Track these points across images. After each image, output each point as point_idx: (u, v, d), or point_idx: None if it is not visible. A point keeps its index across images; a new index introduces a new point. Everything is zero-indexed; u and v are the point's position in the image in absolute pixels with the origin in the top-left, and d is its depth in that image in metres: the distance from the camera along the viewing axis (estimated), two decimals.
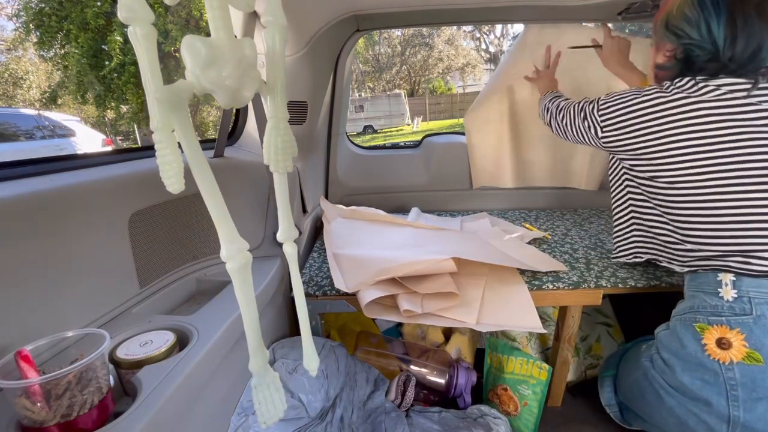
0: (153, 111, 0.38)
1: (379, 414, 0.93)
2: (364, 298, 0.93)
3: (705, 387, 0.71)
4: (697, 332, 0.72)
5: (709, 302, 0.73)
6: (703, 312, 0.73)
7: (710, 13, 0.70)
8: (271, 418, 0.55)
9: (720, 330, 0.70)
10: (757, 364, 0.66)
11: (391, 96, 14.64)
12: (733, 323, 0.69)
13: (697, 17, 0.71)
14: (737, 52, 0.69)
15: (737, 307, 0.69)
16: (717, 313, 0.71)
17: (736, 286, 0.70)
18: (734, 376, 0.68)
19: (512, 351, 1.13)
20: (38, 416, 0.47)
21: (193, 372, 0.61)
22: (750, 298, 0.68)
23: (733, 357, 0.68)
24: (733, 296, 0.70)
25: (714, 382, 0.69)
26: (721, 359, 0.69)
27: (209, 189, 0.42)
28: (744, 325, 0.68)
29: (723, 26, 0.69)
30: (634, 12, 1.10)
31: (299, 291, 0.59)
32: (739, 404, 0.67)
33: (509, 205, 1.70)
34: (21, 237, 0.55)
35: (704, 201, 0.73)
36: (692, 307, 0.75)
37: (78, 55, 7.56)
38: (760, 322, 0.67)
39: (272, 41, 0.45)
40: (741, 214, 0.70)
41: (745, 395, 0.67)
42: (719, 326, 0.70)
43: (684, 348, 0.74)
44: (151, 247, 0.79)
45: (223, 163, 1.02)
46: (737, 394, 0.67)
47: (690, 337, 0.73)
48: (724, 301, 0.71)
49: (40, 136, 5.36)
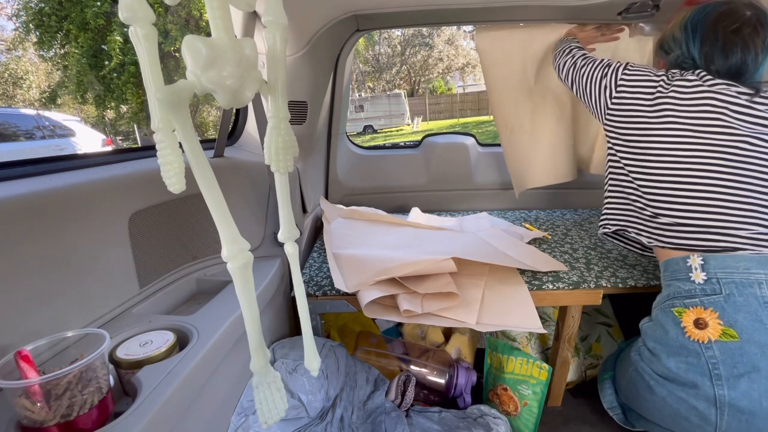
0: (154, 111, 0.38)
1: (379, 414, 0.93)
2: (364, 298, 0.93)
3: (690, 369, 0.74)
4: (675, 317, 0.77)
5: (683, 287, 0.78)
6: (679, 297, 0.78)
7: (689, 35, 0.84)
8: (272, 417, 0.55)
9: (696, 311, 0.75)
10: (733, 340, 0.71)
11: (391, 96, 14.62)
12: (706, 303, 0.74)
13: (680, 37, 0.86)
14: (720, 68, 0.80)
15: (708, 288, 0.75)
16: (691, 296, 0.76)
17: (705, 269, 0.75)
18: (714, 354, 0.72)
19: (512, 351, 1.13)
20: (38, 416, 0.47)
21: (193, 372, 0.61)
22: (718, 278, 0.74)
23: (711, 335, 0.72)
24: (703, 279, 0.75)
25: (697, 363, 0.73)
26: (700, 339, 0.73)
27: (210, 189, 0.42)
28: (716, 304, 0.73)
29: (698, 46, 0.82)
30: (634, 12, 1.10)
31: (300, 291, 0.60)
32: (722, 382, 0.70)
33: (509, 205, 1.70)
34: (21, 237, 0.55)
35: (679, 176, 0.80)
36: (669, 295, 0.81)
37: (78, 55, 7.55)
38: (730, 300, 0.72)
39: (273, 41, 0.45)
40: (709, 192, 0.78)
41: (726, 372, 0.70)
42: (695, 308, 0.75)
43: (666, 334, 0.78)
44: (151, 247, 0.79)
45: (223, 163, 1.02)
46: (720, 373, 0.71)
47: (671, 323, 0.78)
48: (696, 284, 0.76)
49: (39, 136, 5.36)
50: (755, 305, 0.70)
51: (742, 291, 0.72)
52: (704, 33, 0.81)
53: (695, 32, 0.83)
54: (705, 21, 0.82)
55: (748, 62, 0.78)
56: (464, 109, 16.35)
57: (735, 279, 0.73)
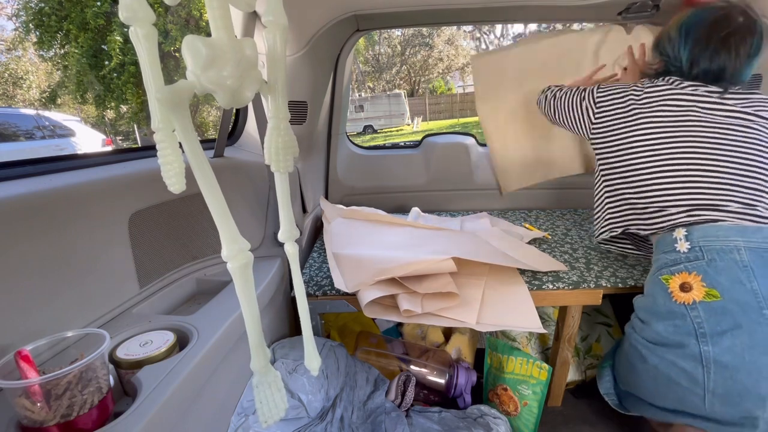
0: (154, 111, 0.38)
1: (379, 414, 0.93)
2: (364, 298, 0.93)
3: (677, 331, 0.79)
4: (663, 284, 0.83)
5: (669, 258, 0.84)
6: (666, 266, 0.84)
7: (681, 39, 0.89)
8: (272, 417, 0.55)
9: (681, 276, 0.80)
10: (716, 300, 0.76)
11: (391, 96, 14.61)
12: (690, 268, 0.80)
13: (673, 39, 0.91)
14: (700, 73, 0.88)
15: (691, 255, 0.81)
16: (676, 263, 0.82)
17: (689, 239, 0.82)
18: (699, 314, 0.76)
19: (512, 351, 1.13)
20: (38, 416, 0.47)
21: (193, 372, 0.61)
22: (701, 246, 0.80)
23: (695, 297, 0.77)
24: (687, 248, 0.82)
25: (683, 324, 0.78)
26: (685, 301, 0.78)
27: (210, 189, 0.42)
28: (699, 268, 0.79)
29: (688, 50, 0.88)
30: (634, 12, 1.11)
31: (301, 290, 0.59)
32: (707, 339, 0.75)
33: (509, 205, 1.70)
34: (21, 237, 0.55)
35: (665, 165, 0.88)
36: (657, 267, 0.87)
37: (78, 55, 7.55)
38: (712, 264, 0.78)
39: (273, 41, 0.45)
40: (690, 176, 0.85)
41: (710, 329, 0.75)
42: (680, 273, 0.81)
43: (656, 301, 0.84)
44: (151, 247, 0.79)
45: (223, 163, 1.02)
46: (704, 331, 0.75)
47: (659, 290, 0.83)
48: (681, 253, 0.82)
49: (40, 136, 5.36)
50: (735, 268, 0.76)
51: (723, 256, 0.77)
52: (697, 37, 0.87)
53: (688, 35, 0.88)
54: (700, 25, 0.87)
55: (727, 68, 0.85)
56: (464, 109, 16.33)
57: (716, 246, 0.79)
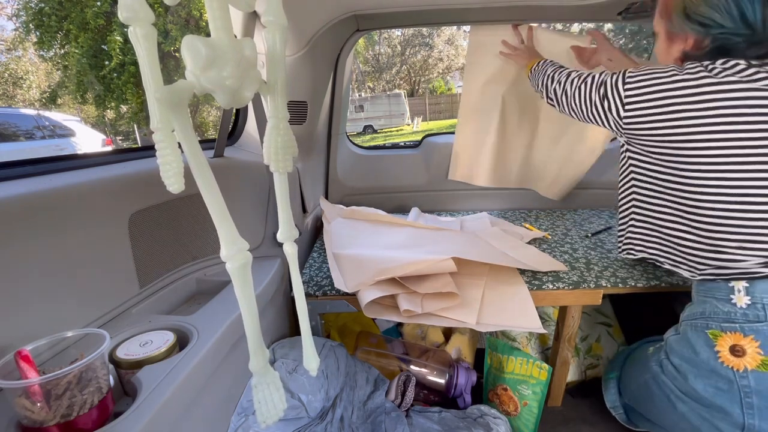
0: (153, 111, 0.38)
1: (379, 414, 0.93)
2: (364, 298, 0.93)
3: (719, 394, 0.69)
4: (710, 339, 0.70)
5: (721, 308, 0.70)
6: (716, 318, 0.71)
7: None
8: (271, 417, 0.55)
9: (734, 337, 0.68)
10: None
11: (391, 96, 14.61)
12: (747, 330, 0.67)
13: (727, 4, 0.65)
14: None
15: (751, 313, 0.67)
16: (730, 320, 0.69)
17: (750, 292, 0.68)
18: (749, 383, 0.66)
19: (512, 351, 1.13)
20: (38, 416, 0.47)
21: (193, 372, 0.61)
22: (764, 304, 0.66)
23: (748, 364, 0.66)
24: (746, 303, 0.68)
25: (728, 389, 0.68)
26: (735, 366, 0.67)
27: (209, 189, 0.42)
28: (759, 332, 0.66)
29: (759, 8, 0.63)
30: (634, 12, 1.10)
31: (299, 291, 0.59)
32: (754, 412, 0.66)
33: (509, 205, 1.70)
34: (21, 237, 0.55)
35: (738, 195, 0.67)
36: (703, 313, 0.73)
37: (78, 55, 7.56)
38: None
39: (272, 41, 0.45)
40: None
41: (760, 403, 0.66)
42: (733, 333, 0.68)
43: (697, 355, 0.72)
44: (151, 247, 0.79)
45: (223, 163, 1.02)
46: (752, 402, 0.66)
47: (702, 344, 0.71)
48: (737, 307, 0.68)
49: (40, 136, 5.36)
50: None
51: None
52: None
53: None
54: None
55: None
56: None
57: None
